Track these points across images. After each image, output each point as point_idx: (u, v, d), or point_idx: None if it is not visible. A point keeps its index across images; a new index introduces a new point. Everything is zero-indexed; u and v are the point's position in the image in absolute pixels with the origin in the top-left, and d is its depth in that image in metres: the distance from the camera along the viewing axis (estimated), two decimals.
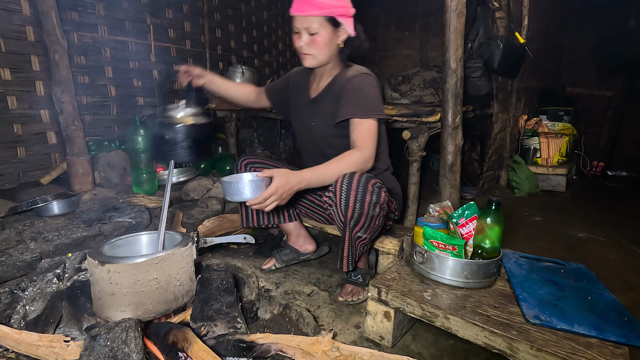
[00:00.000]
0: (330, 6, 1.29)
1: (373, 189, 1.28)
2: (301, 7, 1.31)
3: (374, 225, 1.34)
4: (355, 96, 1.35)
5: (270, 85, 1.76)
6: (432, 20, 4.34)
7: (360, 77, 1.39)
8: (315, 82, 1.55)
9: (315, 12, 1.29)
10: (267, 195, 1.18)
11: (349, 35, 1.39)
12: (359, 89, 1.36)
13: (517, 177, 3.12)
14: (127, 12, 2.60)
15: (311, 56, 1.39)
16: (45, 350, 0.95)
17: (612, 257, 2.01)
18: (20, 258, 1.41)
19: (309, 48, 1.37)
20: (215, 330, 1.09)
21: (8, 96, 2.05)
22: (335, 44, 1.39)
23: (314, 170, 1.29)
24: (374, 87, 1.39)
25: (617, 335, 0.97)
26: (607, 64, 4.04)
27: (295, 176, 1.23)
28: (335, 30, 1.36)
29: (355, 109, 1.34)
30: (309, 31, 1.33)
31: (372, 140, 1.34)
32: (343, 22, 1.35)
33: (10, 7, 2.00)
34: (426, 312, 1.14)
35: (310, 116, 1.54)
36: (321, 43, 1.35)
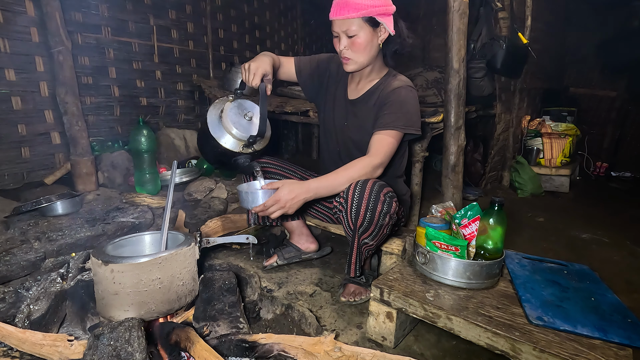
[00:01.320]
0: (368, 6, 1.26)
1: (385, 198, 1.27)
2: (339, 10, 1.29)
3: (381, 233, 1.34)
4: (399, 108, 1.35)
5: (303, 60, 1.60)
6: (434, 20, 4.33)
7: (406, 90, 1.38)
8: (355, 81, 1.52)
9: (353, 13, 1.27)
10: (269, 204, 1.21)
11: (389, 34, 1.36)
12: (404, 102, 1.36)
13: (520, 178, 3.11)
14: (131, 13, 2.62)
15: (352, 60, 1.37)
16: (49, 349, 0.96)
17: (616, 258, 2.00)
18: (25, 258, 1.42)
19: (349, 51, 1.35)
20: (217, 330, 1.09)
21: (12, 97, 2.07)
22: (375, 44, 1.36)
23: (321, 180, 1.29)
24: (414, 102, 1.39)
25: (620, 336, 0.96)
26: (611, 64, 4.03)
27: (302, 187, 1.23)
28: (375, 30, 1.33)
29: (397, 121, 1.33)
30: (347, 34, 1.31)
31: (388, 150, 1.33)
32: (382, 21, 1.31)
33: (15, 8, 2.01)
34: (428, 313, 1.13)
35: (345, 116, 1.52)
36: (361, 45, 1.32)
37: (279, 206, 1.21)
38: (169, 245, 1.22)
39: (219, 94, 2.97)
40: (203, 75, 3.23)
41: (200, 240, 1.21)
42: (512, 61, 2.68)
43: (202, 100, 3.22)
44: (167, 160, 2.72)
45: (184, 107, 3.14)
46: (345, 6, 1.27)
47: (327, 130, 1.63)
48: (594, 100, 4.26)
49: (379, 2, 1.29)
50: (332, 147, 1.61)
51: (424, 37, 4.49)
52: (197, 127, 3.22)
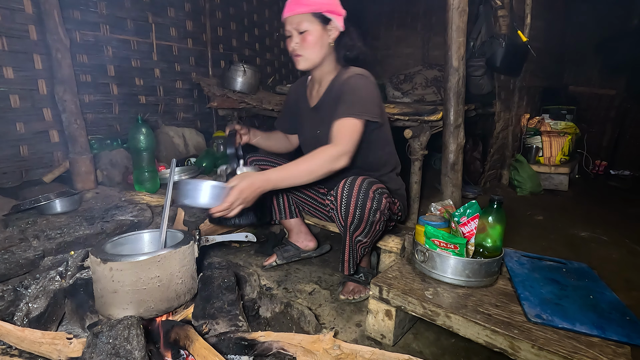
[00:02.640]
0: (317, 2, 1.30)
1: (374, 195, 1.27)
2: (290, 8, 1.33)
3: (374, 230, 1.34)
4: (350, 96, 1.32)
5: (278, 118, 1.77)
6: (434, 18, 4.33)
7: (355, 78, 1.35)
8: (314, 89, 1.53)
9: (303, 9, 1.30)
10: (231, 199, 1.12)
11: (340, 32, 1.38)
12: (354, 89, 1.33)
13: (519, 176, 3.11)
14: (129, 11, 2.61)
15: (302, 57, 1.38)
16: (48, 348, 0.96)
17: (615, 256, 2.00)
18: (23, 256, 1.42)
19: (300, 48, 1.36)
20: (217, 328, 1.09)
21: (11, 94, 2.06)
22: (326, 42, 1.37)
23: (280, 169, 1.22)
24: (367, 89, 1.35)
25: (619, 334, 0.96)
26: (610, 62, 4.03)
27: (259, 177, 1.17)
28: (325, 27, 1.35)
29: (349, 109, 1.29)
30: (298, 30, 1.34)
31: (350, 136, 1.26)
32: (332, 18, 1.34)
33: (12, 5, 2.00)
34: (427, 311, 1.14)
35: (315, 125, 1.52)
36: (312, 41, 1.34)
37: (241, 201, 1.14)
38: (167, 244, 1.22)
39: (218, 92, 2.96)
40: (202, 73, 3.22)
41: (199, 239, 1.21)
42: (511, 59, 2.67)
43: (201, 99, 3.21)
44: (166, 158, 2.71)
45: (183, 105, 3.13)
46: (296, 4, 1.31)
47: (306, 145, 1.64)
48: (593, 98, 4.26)
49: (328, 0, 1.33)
50: None
51: (424, 35, 4.49)
52: (196, 126, 3.21)
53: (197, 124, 3.25)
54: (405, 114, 2.15)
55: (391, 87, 3.63)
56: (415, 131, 2.14)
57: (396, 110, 2.28)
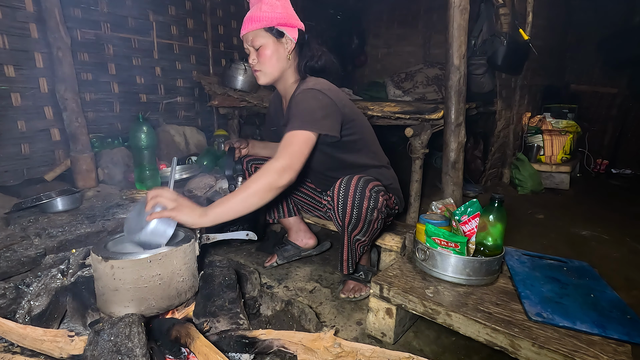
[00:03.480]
0: (268, 17, 1.31)
1: (370, 194, 1.28)
2: (245, 25, 1.35)
3: (372, 228, 1.34)
4: (296, 110, 1.27)
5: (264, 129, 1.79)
6: (435, 17, 4.31)
7: (302, 93, 1.30)
8: (283, 104, 1.53)
9: (256, 25, 1.32)
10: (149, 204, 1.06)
11: (296, 44, 1.36)
12: (298, 103, 1.29)
13: (520, 175, 3.11)
14: (130, 9, 2.61)
15: (261, 72, 1.38)
16: (50, 345, 0.96)
17: (616, 255, 2.00)
18: (25, 254, 1.42)
19: (258, 64, 1.37)
20: (217, 326, 1.09)
21: (12, 93, 2.06)
22: (283, 55, 1.36)
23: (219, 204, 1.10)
24: (314, 100, 1.28)
25: (619, 332, 0.96)
26: (612, 60, 4.01)
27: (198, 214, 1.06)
28: (279, 40, 1.35)
29: (291, 124, 1.23)
30: (254, 46, 1.35)
31: (291, 150, 1.18)
32: (285, 31, 1.34)
33: (13, 4, 2.00)
34: (428, 309, 1.14)
35: None
36: (267, 55, 1.34)
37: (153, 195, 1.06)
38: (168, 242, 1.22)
39: (219, 91, 2.96)
40: (203, 71, 3.22)
41: (200, 237, 1.21)
42: (513, 58, 2.67)
43: (201, 97, 3.22)
44: (167, 156, 2.72)
45: (184, 104, 3.13)
46: (249, 21, 1.33)
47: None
48: (594, 97, 4.25)
49: (280, 14, 1.33)
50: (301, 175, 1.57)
51: (425, 33, 4.48)
52: (197, 124, 3.22)
53: (198, 123, 3.25)
54: (406, 112, 2.15)
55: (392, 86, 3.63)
56: (416, 130, 2.13)
57: (397, 108, 2.27)
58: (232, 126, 3.21)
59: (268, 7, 1.32)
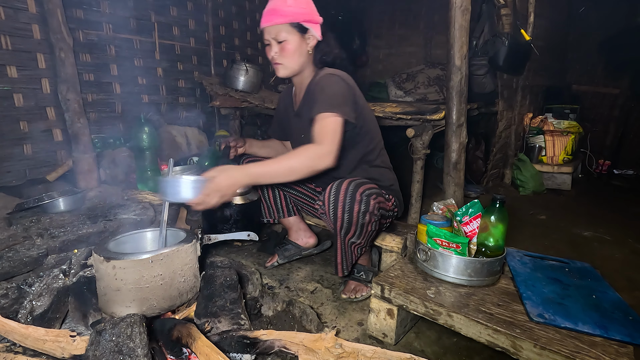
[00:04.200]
0: (294, 13, 1.32)
1: (361, 197, 1.27)
2: (268, 18, 1.35)
3: (366, 231, 1.33)
4: (320, 95, 1.31)
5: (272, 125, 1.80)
6: (436, 17, 4.31)
7: (325, 77, 1.36)
8: (297, 95, 1.56)
9: (281, 19, 1.32)
10: (207, 191, 1.11)
11: (318, 41, 1.40)
12: (324, 87, 1.33)
13: (522, 176, 3.10)
14: (132, 10, 2.61)
15: (282, 65, 1.40)
16: (52, 345, 0.96)
17: (618, 256, 1.99)
18: (27, 254, 1.43)
19: (279, 57, 1.38)
20: (219, 327, 1.09)
21: (14, 93, 2.07)
22: (305, 50, 1.39)
23: (260, 164, 1.21)
24: (338, 85, 1.33)
25: (621, 334, 0.96)
26: (614, 61, 4.00)
27: (239, 171, 1.16)
28: (303, 36, 1.37)
29: (319, 107, 1.27)
30: (277, 40, 1.36)
31: (331, 135, 1.23)
32: (309, 27, 1.36)
33: (16, 5, 2.01)
34: (429, 310, 1.14)
35: (298, 129, 1.54)
36: (290, 50, 1.36)
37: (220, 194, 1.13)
38: (170, 242, 1.22)
39: (220, 91, 2.97)
40: (204, 72, 3.22)
41: (202, 237, 1.22)
42: (514, 58, 2.67)
43: (203, 98, 3.22)
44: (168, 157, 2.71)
45: (186, 104, 3.13)
46: (274, 14, 1.33)
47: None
48: (596, 97, 4.24)
49: (304, 10, 1.34)
50: None
51: (426, 34, 4.48)
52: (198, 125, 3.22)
53: (200, 123, 3.25)
54: (407, 113, 2.15)
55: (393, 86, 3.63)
56: (418, 130, 2.13)
57: (398, 109, 2.27)
58: (234, 127, 3.22)
59: (293, 2, 1.32)
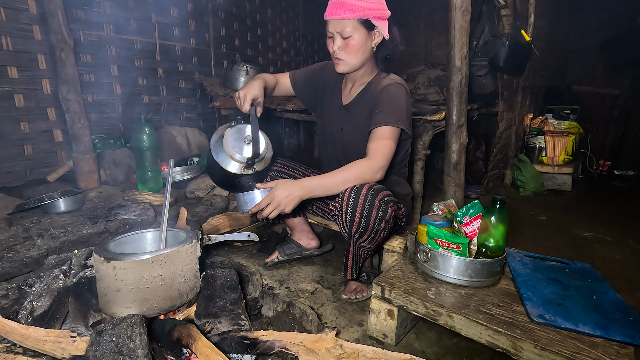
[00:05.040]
0: (364, 8, 1.25)
1: (380, 204, 1.26)
2: (335, 10, 1.27)
3: (378, 237, 1.33)
4: (389, 105, 1.32)
5: (298, 73, 1.64)
6: (437, 18, 4.32)
7: (395, 87, 1.36)
8: (348, 86, 1.52)
9: (349, 14, 1.25)
10: (263, 203, 1.22)
11: (383, 38, 1.35)
12: (393, 99, 1.33)
13: (522, 176, 3.10)
14: (133, 11, 2.62)
15: (343, 62, 1.36)
16: (52, 346, 0.96)
17: (618, 256, 1.99)
18: (27, 254, 1.43)
19: (342, 52, 1.33)
20: (219, 327, 1.09)
21: (15, 94, 2.07)
22: (369, 47, 1.35)
23: (317, 179, 1.27)
24: (404, 98, 1.36)
25: (622, 334, 0.96)
26: (614, 62, 4.00)
27: (296, 185, 1.23)
28: (369, 33, 1.32)
29: (387, 117, 1.30)
30: (342, 35, 1.30)
31: (386, 152, 1.29)
32: (377, 24, 1.30)
33: (17, 5, 2.02)
34: (430, 311, 1.14)
35: (340, 122, 1.52)
36: (354, 47, 1.31)
37: (275, 205, 1.22)
38: (170, 243, 1.22)
39: (221, 92, 2.97)
40: (205, 72, 3.23)
41: (202, 238, 1.22)
42: (514, 59, 2.66)
43: (203, 98, 3.22)
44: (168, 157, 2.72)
45: (186, 105, 3.14)
46: (342, 7, 1.26)
47: (324, 137, 1.63)
48: (597, 98, 4.24)
49: (375, 5, 1.28)
50: (331, 154, 1.60)
51: (426, 34, 4.48)
52: (199, 125, 3.22)
53: (200, 124, 3.26)
54: None
55: None
56: (418, 131, 2.13)
57: None
58: None
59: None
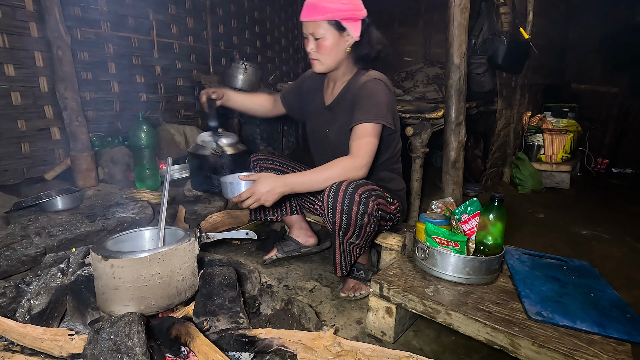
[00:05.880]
0: (334, 10, 1.28)
1: (360, 199, 1.25)
2: (307, 12, 1.31)
3: (365, 232, 1.33)
4: (368, 101, 1.33)
5: (286, 91, 1.74)
6: (435, 15, 4.30)
7: (373, 83, 1.37)
8: (329, 87, 1.53)
9: (319, 16, 1.29)
10: (245, 195, 1.26)
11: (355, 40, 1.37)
12: (372, 95, 1.34)
13: (521, 174, 3.11)
14: (130, 8, 2.61)
15: (318, 61, 1.39)
16: (50, 344, 0.96)
17: (616, 254, 2.00)
18: (25, 253, 1.42)
19: (317, 53, 1.36)
20: (217, 325, 1.09)
21: (12, 92, 2.06)
22: (342, 48, 1.37)
23: (299, 175, 1.30)
24: (384, 93, 1.37)
25: (619, 332, 0.96)
26: (613, 60, 4.00)
27: (277, 181, 1.25)
28: (341, 34, 1.34)
29: (367, 114, 1.31)
30: (314, 36, 1.33)
31: (368, 149, 1.30)
32: (347, 26, 1.32)
33: (13, 2, 2.00)
34: (428, 308, 1.14)
35: (325, 123, 1.53)
36: (327, 48, 1.34)
37: (255, 198, 1.25)
38: (168, 241, 1.22)
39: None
40: (203, 70, 3.21)
41: (200, 236, 1.21)
42: (513, 57, 2.66)
43: None
44: (167, 156, 2.72)
45: (184, 103, 3.13)
46: (313, 9, 1.29)
47: (314, 140, 1.64)
48: (595, 96, 4.24)
49: (346, 6, 1.29)
50: (321, 155, 1.60)
51: (425, 32, 4.47)
52: (197, 123, 3.21)
53: (198, 122, 3.25)
54: (406, 111, 2.15)
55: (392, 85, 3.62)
56: (417, 129, 2.13)
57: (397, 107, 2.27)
58: (232, 125, 3.21)
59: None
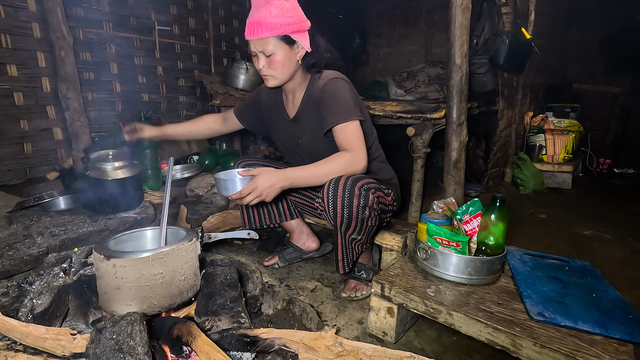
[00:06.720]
0: (281, 25, 1.25)
1: (360, 192, 1.26)
2: (253, 30, 1.28)
3: (366, 226, 1.32)
4: (334, 103, 1.32)
5: (241, 107, 1.70)
6: (437, 16, 4.30)
7: (332, 83, 1.36)
8: (289, 100, 1.51)
9: (267, 33, 1.26)
10: (245, 191, 1.22)
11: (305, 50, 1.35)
12: (335, 95, 1.33)
13: (522, 174, 3.10)
14: (132, 9, 2.61)
15: (272, 77, 1.36)
16: (52, 343, 0.96)
17: (618, 254, 1.99)
18: (28, 252, 1.43)
19: (269, 69, 1.34)
20: (219, 325, 1.10)
21: (14, 92, 2.07)
22: (294, 60, 1.35)
23: (300, 170, 1.28)
24: (345, 89, 1.36)
25: (621, 332, 0.96)
26: (615, 60, 3.99)
27: (278, 175, 1.23)
28: (291, 47, 1.32)
29: (337, 115, 1.31)
30: (265, 53, 1.31)
31: (359, 140, 1.31)
32: (297, 39, 1.31)
33: (16, 3, 2.01)
34: (429, 308, 1.14)
35: (295, 135, 1.52)
36: (279, 63, 1.32)
37: (256, 194, 1.22)
38: (170, 241, 1.22)
39: (221, 90, 2.96)
40: (205, 71, 3.22)
41: (202, 236, 1.22)
42: (515, 57, 2.66)
43: (203, 96, 3.22)
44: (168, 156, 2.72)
45: (186, 103, 3.13)
46: (259, 26, 1.26)
47: (289, 153, 1.64)
48: (597, 96, 4.23)
49: (292, 19, 1.28)
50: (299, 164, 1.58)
51: (427, 32, 4.46)
52: None
53: None
54: (407, 111, 2.15)
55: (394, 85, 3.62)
56: (418, 129, 2.13)
57: (399, 108, 2.27)
58: None
59: (279, 12, 1.25)
